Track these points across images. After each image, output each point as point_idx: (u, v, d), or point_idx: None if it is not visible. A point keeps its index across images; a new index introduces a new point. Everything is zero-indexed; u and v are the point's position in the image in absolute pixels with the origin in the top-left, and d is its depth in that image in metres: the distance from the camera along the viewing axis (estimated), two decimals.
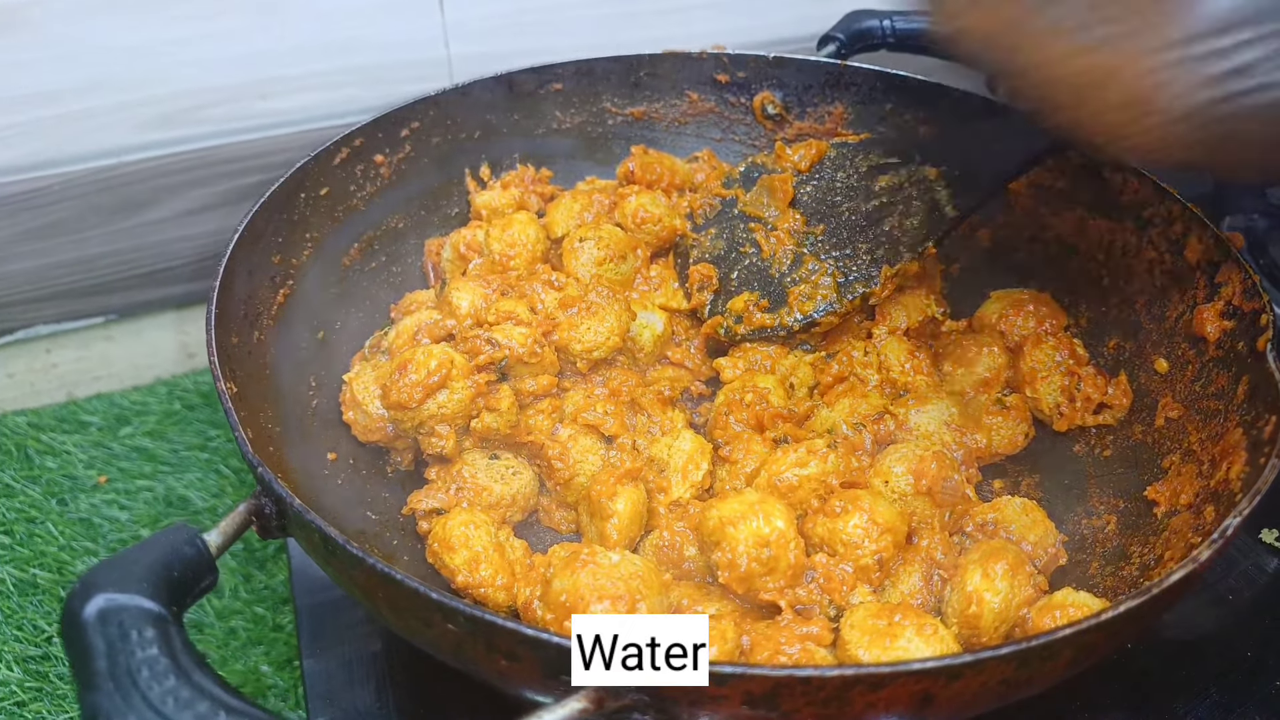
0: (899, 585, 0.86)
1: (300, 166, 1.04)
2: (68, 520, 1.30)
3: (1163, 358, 1.02)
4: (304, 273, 1.06)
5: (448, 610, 0.63)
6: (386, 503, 0.97)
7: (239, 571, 1.26)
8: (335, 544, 0.66)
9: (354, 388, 0.97)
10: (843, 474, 0.91)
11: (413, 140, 1.19)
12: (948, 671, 0.63)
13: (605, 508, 0.90)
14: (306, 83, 1.34)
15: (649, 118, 1.34)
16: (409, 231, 1.21)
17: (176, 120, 1.31)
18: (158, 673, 0.52)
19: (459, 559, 0.85)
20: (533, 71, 1.25)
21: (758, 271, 1.13)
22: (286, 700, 1.12)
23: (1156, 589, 0.68)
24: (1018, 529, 0.90)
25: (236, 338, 0.91)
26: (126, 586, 0.57)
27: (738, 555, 0.80)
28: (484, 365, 0.95)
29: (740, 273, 1.14)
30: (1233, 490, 0.82)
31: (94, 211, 1.33)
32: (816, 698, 0.62)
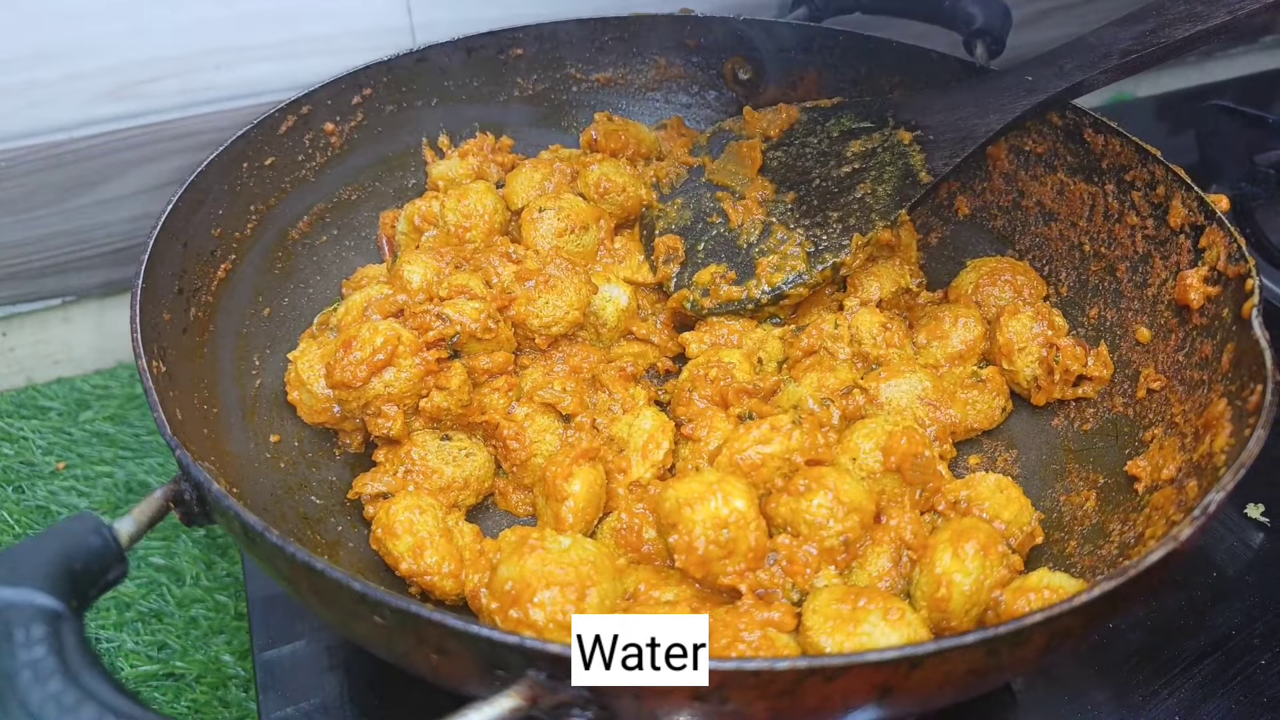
0: (866, 567, 0.82)
1: (242, 135, 1.00)
2: (24, 508, 1.26)
3: (1145, 326, 0.99)
4: (248, 247, 1.02)
5: (372, 602, 0.59)
6: (333, 486, 0.94)
7: (201, 559, 1.22)
8: (254, 531, 0.62)
9: (299, 367, 0.93)
10: (808, 451, 0.87)
11: (365, 108, 1.14)
12: (909, 661, 0.59)
13: (560, 489, 0.86)
14: (263, 53, 1.30)
15: (615, 83, 1.30)
16: (362, 203, 1.17)
17: (128, 93, 1.26)
18: (41, 675, 0.48)
19: (402, 545, 0.81)
20: (492, 36, 1.21)
21: (725, 242, 1.09)
22: (248, 691, 1.09)
23: (1134, 570, 0.64)
24: (992, 506, 0.86)
25: (169, 314, 0.86)
26: (18, 580, 0.53)
27: (694, 538, 0.76)
28: (434, 342, 0.91)
29: (707, 244, 1.10)
30: (1217, 464, 0.78)
31: (44, 189, 1.29)
32: (768, 691, 0.58)
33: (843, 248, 1.03)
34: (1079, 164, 1.08)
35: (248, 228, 1.02)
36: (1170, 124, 1.77)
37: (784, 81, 1.28)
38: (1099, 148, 1.05)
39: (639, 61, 1.29)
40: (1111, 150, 1.04)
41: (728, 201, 1.10)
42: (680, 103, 1.31)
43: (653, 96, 1.31)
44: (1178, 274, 0.95)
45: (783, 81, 1.28)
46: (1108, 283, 1.05)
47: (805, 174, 1.09)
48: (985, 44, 1.20)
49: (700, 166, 1.15)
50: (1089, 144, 1.06)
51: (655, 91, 1.31)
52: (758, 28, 1.26)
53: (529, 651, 0.57)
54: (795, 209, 1.07)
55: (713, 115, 1.31)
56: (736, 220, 1.09)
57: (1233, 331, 0.86)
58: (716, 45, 1.28)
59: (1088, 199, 1.07)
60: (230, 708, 1.06)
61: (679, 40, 1.28)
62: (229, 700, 1.07)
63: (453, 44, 1.19)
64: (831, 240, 1.04)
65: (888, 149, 1.06)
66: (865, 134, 1.08)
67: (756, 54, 1.28)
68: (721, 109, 1.31)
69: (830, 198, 1.06)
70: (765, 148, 1.12)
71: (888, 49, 1.22)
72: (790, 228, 1.06)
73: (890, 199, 1.03)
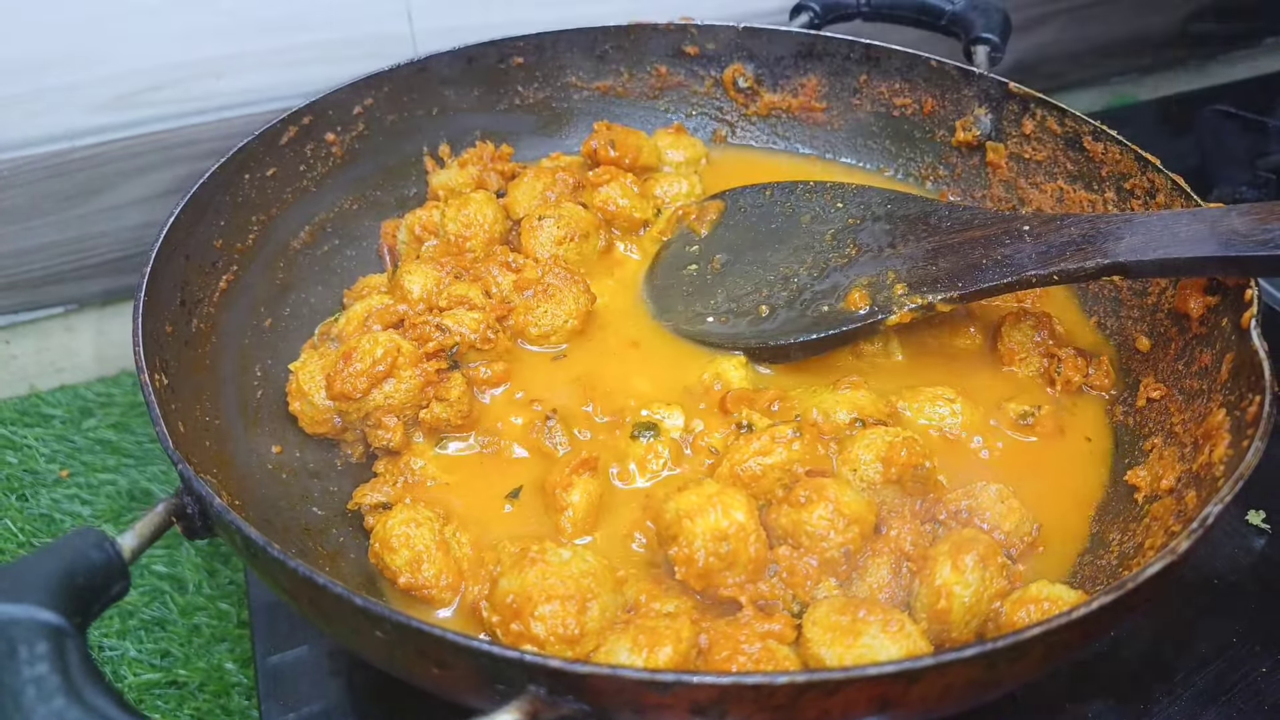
0: (866, 578, 0.82)
1: (243, 146, 1.00)
2: (28, 516, 1.26)
3: (1144, 335, 0.99)
4: (250, 257, 1.02)
5: (373, 616, 0.59)
6: (334, 497, 0.94)
7: (203, 567, 1.22)
8: (256, 546, 0.62)
9: (300, 378, 0.93)
10: (808, 461, 0.87)
11: (366, 118, 1.14)
12: (908, 675, 0.59)
13: (560, 500, 0.86)
14: (264, 60, 1.30)
15: (615, 92, 1.30)
16: (363, 213, 1.17)
17: (130, 102, 1.27)
18: (45, 693, 0.48)
19: (400, 560, 0.81)
20: (493, 45, 1.21)
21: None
22: (251, 699, 1.09)
23: (1132, 583, 0.64)
24: (992, 517, 0.86)
25: (171, 326, 0.87)
26: (20, 596, 0.53)
27: (694, 550, 0.76)
28: (433, 353, 0.91)
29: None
30: (1215, 474, 0.78)
31: (46, 198, 1.29)
32: (767, 705, 0.58)
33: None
34: (1078, 172, 1.08)
35: (249, 238, 1.02)
36: (1171, 128, 1.77)
37: (785, 89, 1.29)
38: (1098, 155, 1.05)
39: (639, 70, 1.29)
40: (1111, 158, 1.04)
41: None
42: (681, 111, 1.31)
43: (654, 105, 1.31)
44: (1177, 283, 0.95)
45: (784, 89, 1.29)
46: (1107, 291, 1.05)
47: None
48: (986, 51, 1.20)
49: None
50: (1089, 152, 1.06)
51: (656, 100, 1.31)
52: (759, 35, 1.26)
53: (530, 666, 0.57)
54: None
55: (714, 124, 1.31)
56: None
57: (1232, 341, 0.86)
58: (717, 53, 1.28)
59: (1087, 207, 1.07)
60: (233, 716, 1.07)
61: (679, 49, 1.28)
62: (232, 708, 1.07)
63: (453, 53, 1.19)
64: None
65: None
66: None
67: (757, 62, 1.28)
68: (722, 118, 1.31)
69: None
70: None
71: (888, 56, 1.22)
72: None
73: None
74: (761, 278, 1.07)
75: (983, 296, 0.95)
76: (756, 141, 1.34)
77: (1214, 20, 1.99)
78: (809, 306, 1.02)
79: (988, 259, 0.95)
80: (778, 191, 1.14)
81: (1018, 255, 0.93)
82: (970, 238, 0.98)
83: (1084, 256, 0.89)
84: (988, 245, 0.96)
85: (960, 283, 0.95)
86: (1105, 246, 0.88)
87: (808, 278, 1.05)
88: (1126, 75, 2.04)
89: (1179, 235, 0.86)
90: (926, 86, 1.22)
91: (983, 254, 0.96)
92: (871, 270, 1.01)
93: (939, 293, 0.95)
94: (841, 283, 1.02)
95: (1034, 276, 0.91)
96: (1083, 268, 0.89)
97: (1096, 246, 0.89)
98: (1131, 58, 2.00)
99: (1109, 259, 0.88)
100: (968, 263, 0.96)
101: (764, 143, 1.34)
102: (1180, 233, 0.86)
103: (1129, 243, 0.88)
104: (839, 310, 1.00)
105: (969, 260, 0.96)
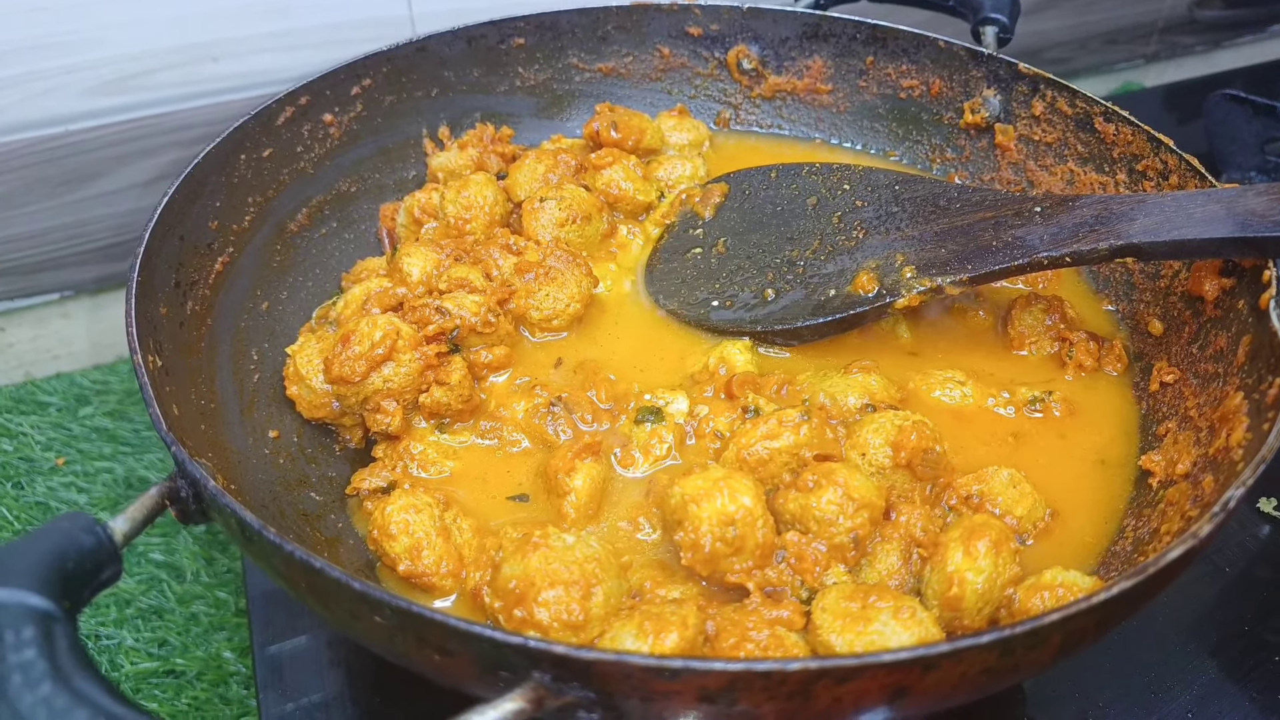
0: (875, 565, 0.80)
1: (239, 126, 0.98)
2: (23, 504, 1.26)
3: (1157, 319, 0.97)
4: (246, 239, 1.00)
5: (373, 601, 0.58)
6: (333, 482, 0.92)
7: (201, 555, 1.21)
8: (252, 530, 0.61)
9: (297, 361, 0.91)
10: (816, 446, 0.85)
11: (364, 99, 1.13)
12: (923, 662, 0.57)
13: (562, 484, 0.84)
14: (261, 44, 1.28)
15: (617, 73, 1.28)
16: (362, 195, 1.16)
17: (125, 85, 1.25)
18: (32, 679, 0.47)
19: (399, 546, 0.79)
20: (493, 25, 1.19)
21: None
22: (249, 688, 1.08)
23: (1153, 568, 0.62)
24: (1004, 502, 0.84)
25: (165, 308, 0.85)
26: (7, 580, 0.51)
27: (701, 535, 0.75)
28: (433, 336, 0.89)
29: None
30: (1233, 459, 0.77)
31: (41, 183, 1.28)
32: (779, 692, 0.57)
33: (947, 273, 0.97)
34: (1089, 153, 1.06)
35: (246, 220, 1.01)
36: (1179, 114, 1.76)
37: (790, 71, 1.27)
38: (1110, 137, 1.04)
39: (642, 51, 1.27)
40: (1123, 139, 1.02)
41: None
42: (684, 93, 1.30)
43: (656, 87, 1.29)
44: (1190, 265, 0.93)
45: (788, 71, 1.27)
46: (1119, 274, 1.03)
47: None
48: (994, 31, 1.18)
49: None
50: (1100, 133, 1.04)
51: (659, 82, 1.29)
52: (763, 16, 1.24)
53: (534, 653, 0.56)
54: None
55: (717, 106, 1.29)
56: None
57: (1249, 324, 0.85)
58: (721, 34, 1.26)
59: (1098, 189, 1.06)
60: (231, 705, 1.06)
61: (682, 29, 1.26)
62: (230, 697, 1.06)
63: (453, 34, 1.18)
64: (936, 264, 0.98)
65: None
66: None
67: (762, 43, 1.26)
68: (725, 99, 1.29)
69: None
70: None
71: (894, 37, 1.21)
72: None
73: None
74: (767, 261, 1.05)
75: (993, 279, 0.93)
76: (761, 124, 1.32)
77: (1221, 6, 1.98)
78: (816, 290, 1.00)
79: (998, 240, 0.93)
80: (783, 174, 1.12)
81: (1029, 236, 0.92)
82: (980, 219, 0.96)
83: (1097, 238, 0.87)
84: (998, 227, 0.94)
85: (970, 265, 0.93)
86: (1118, 227, 0.87)
87: (814, 261, 1.03)
88: (1132, 62, 2.02)
89: (1194, 216, 0.84)
90: (934, 68, 1.20)
91: (993, 235, 0.94)
92: (879, 253, 0.99)
93: (948, 275, 0.94)
94: (849, 266, 1.00)
95: (1045, 258, 0.90)
96: (1096, 249, 0.87)
97: (1110, 227, 0.87)
98: (1138, 44, 1.98)
99: (1122, 240, 0.86)
100: (977, 244, 0.94)
101: (768, 125, 1.32)
102: (1195, 214, 0.84)
103: (1143, 224, 0.86)
104: (846, 293, 0.98)
105: (979, 242, 0.94)
